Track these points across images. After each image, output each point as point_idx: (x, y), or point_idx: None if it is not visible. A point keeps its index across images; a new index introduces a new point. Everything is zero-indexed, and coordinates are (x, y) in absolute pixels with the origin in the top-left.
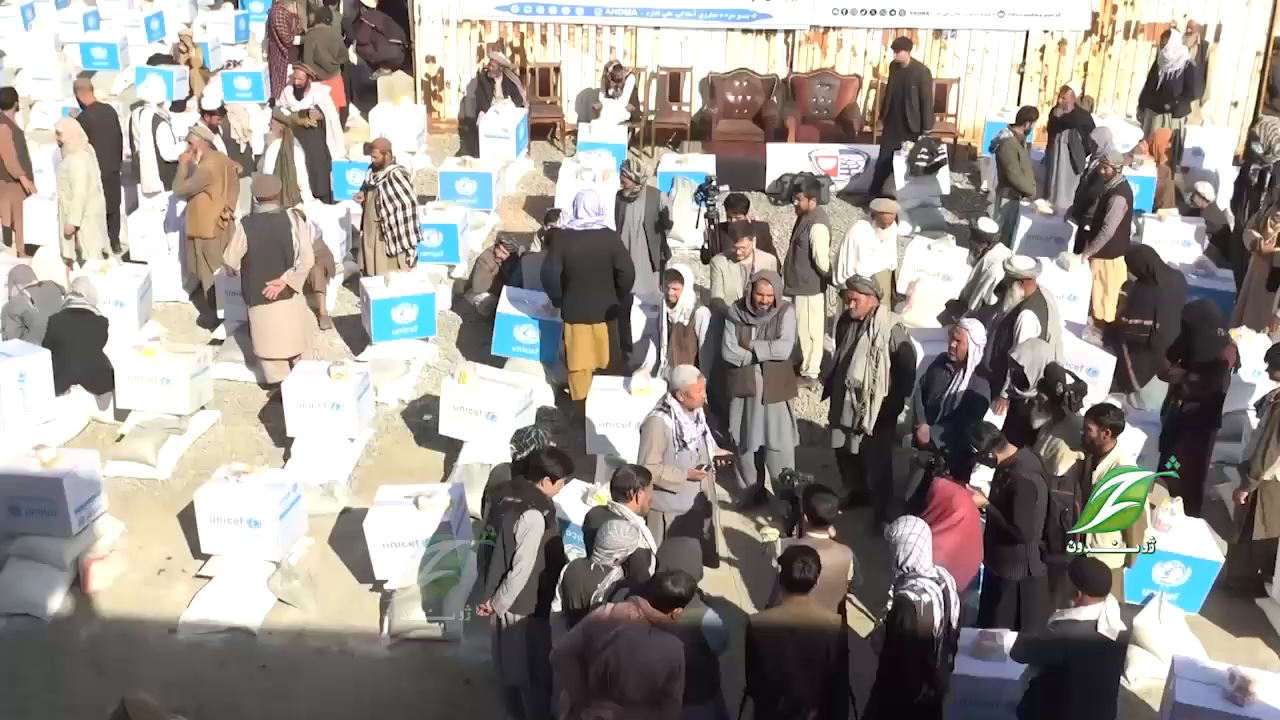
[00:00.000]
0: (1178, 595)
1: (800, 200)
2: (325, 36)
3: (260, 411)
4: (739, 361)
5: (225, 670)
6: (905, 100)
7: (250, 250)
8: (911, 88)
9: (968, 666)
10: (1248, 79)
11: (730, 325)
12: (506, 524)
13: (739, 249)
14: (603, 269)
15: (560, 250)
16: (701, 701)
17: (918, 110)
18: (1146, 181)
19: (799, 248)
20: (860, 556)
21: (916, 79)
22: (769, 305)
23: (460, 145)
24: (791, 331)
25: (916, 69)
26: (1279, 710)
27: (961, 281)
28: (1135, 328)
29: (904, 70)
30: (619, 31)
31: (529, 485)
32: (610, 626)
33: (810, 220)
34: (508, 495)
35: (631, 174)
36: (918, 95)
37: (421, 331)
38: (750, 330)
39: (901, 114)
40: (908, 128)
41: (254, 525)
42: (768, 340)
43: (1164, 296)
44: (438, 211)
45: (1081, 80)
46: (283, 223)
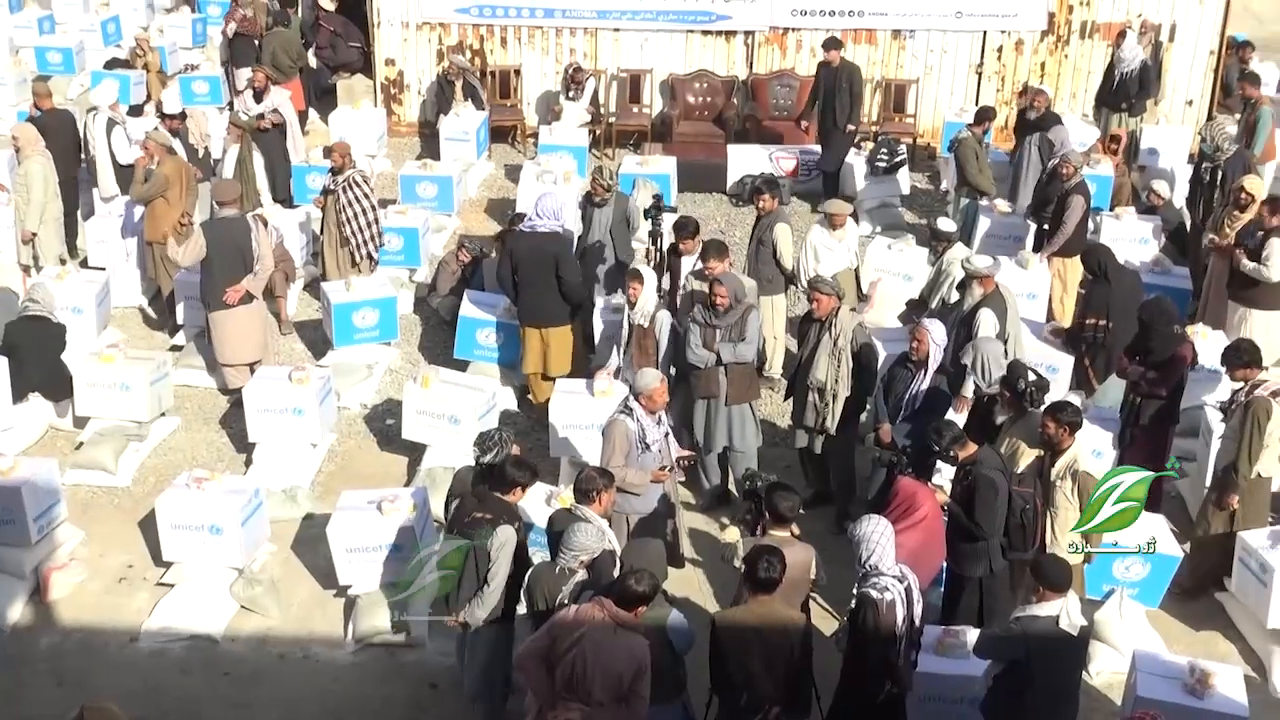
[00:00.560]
0: (1138, 590)
1: (762, 201)
2: (283, 40)
3: (221, 417)
4: (703, 363)
5: (188, 678)
6: (837, 98)
7: (210, 255)
8: (843, 85)
9: (930, 664)
10: (1202, 78)
11: (694, 327)
12: (480, 540)
13: (710, 270)
14: (547, 272)
15: (508, 251)
16: (667, 701)
17: (848, 106)
18: (1103, 180)
19: (762, 248)
20: (824, 555)
21: (848, 76)
22: (726, 307)
23: (421, 148)
24: (755, 334)
25: (847, 67)
26: (1238, 702)
27: (922, 281)
28: (1090, 327)
29: (834, 69)
30: (579, 34)
31: (495, 497)
32: (575, 627)
33: (772, 220)
34: (475, 510)
35: (604, 181)
36: (849, 93)
37: (383, 335)
38: (714, 332)
39: (833, 111)
40: (835, 121)
41: (216, 532)
42: (732, 342)
43: (1117, 296)
44: (398, 215)
45: (1039, 80)
46: (242, 228)
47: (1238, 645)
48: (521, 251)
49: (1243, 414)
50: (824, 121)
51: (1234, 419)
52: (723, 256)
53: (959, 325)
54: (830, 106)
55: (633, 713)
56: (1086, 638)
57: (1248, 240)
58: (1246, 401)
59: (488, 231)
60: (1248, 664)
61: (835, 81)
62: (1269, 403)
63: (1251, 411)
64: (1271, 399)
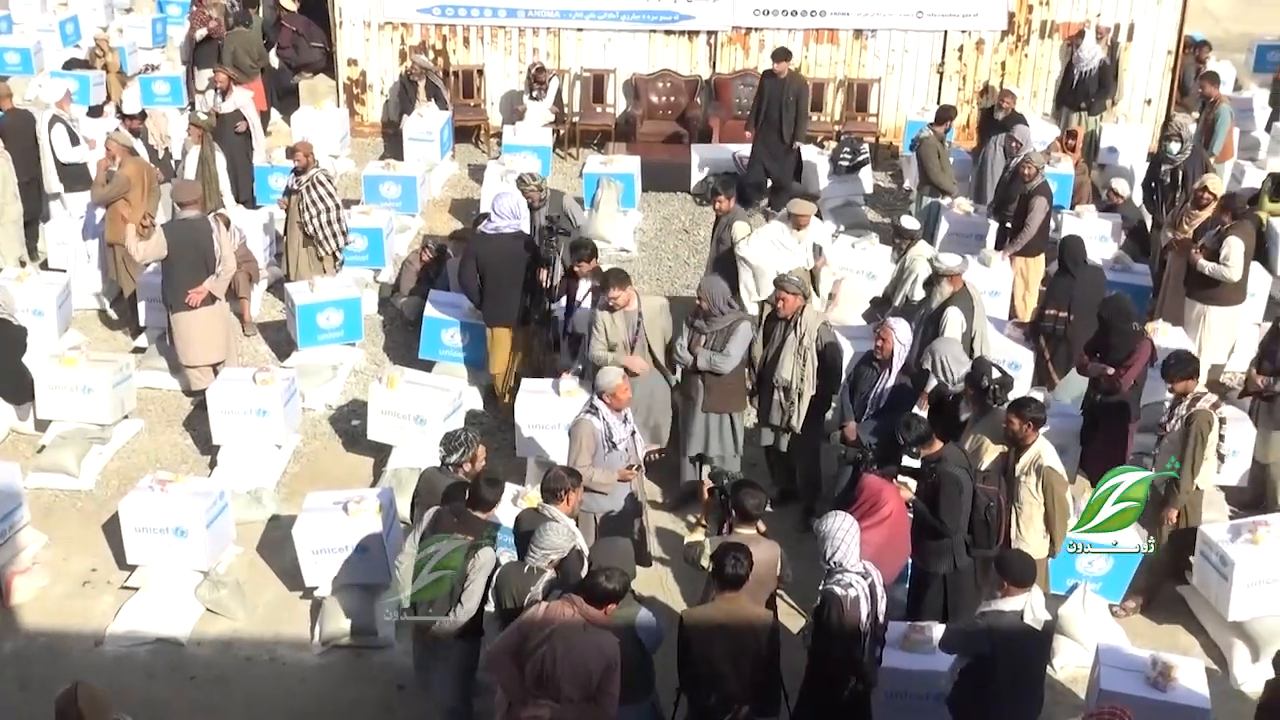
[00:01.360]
0: (1101, 585)
1: (720, 201)
2: (244, 40)
3: (185, 419)
4: (682, 365)
5: (154, 682)
6: (783, 112)
7: (171, 256)
8: (790, 99)
9: (896, 659)
10: (1160, 77)
11: (685, 329)
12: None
13: (613, 300)
14: (516, 272)
15: (473, 254)
16: (636, 700)
17: (793, 123)
18: (1064, 178)
19: (721, 246)
20: (790, 553)
21: (795, 91)
22: (709, 314)
23: (384, 149)
24: (738, 349)
25: (796, 80)
26: (1200, 694)
27: (885, 279)
28: (1051, 318)
29: (781, 81)
30: (542, 33)
31: (473, 516)
32: (545, 625)
33: (731, 219)
34: (454, 530)
35: (533, 185)
36: (795, 108)
37: (348, 336)
38: (700, 338)
39: (778, 124)
40: (781, 138)
41: (180, 535)
42: (711, 350)
43: (1080, 289)
44: (362, 215)
45: (1000, 79)
46: (204, 228)
47: (1199, 638)
48: (488, 254)
49: (1185, 429)
50: (766, 136)
51: (1175, 433)
52: (624, 285)
53: (926, 323)
54: (775, 120)
55: (602, 710)
56: (1051, 632)
57: (1205, 239)
58: (1189, 416)
59: (451, 230)
60: (1209, 657)
61: (782, 95)
62: (1210, 415)
63: (1195, 426)
64: (1212, 411)
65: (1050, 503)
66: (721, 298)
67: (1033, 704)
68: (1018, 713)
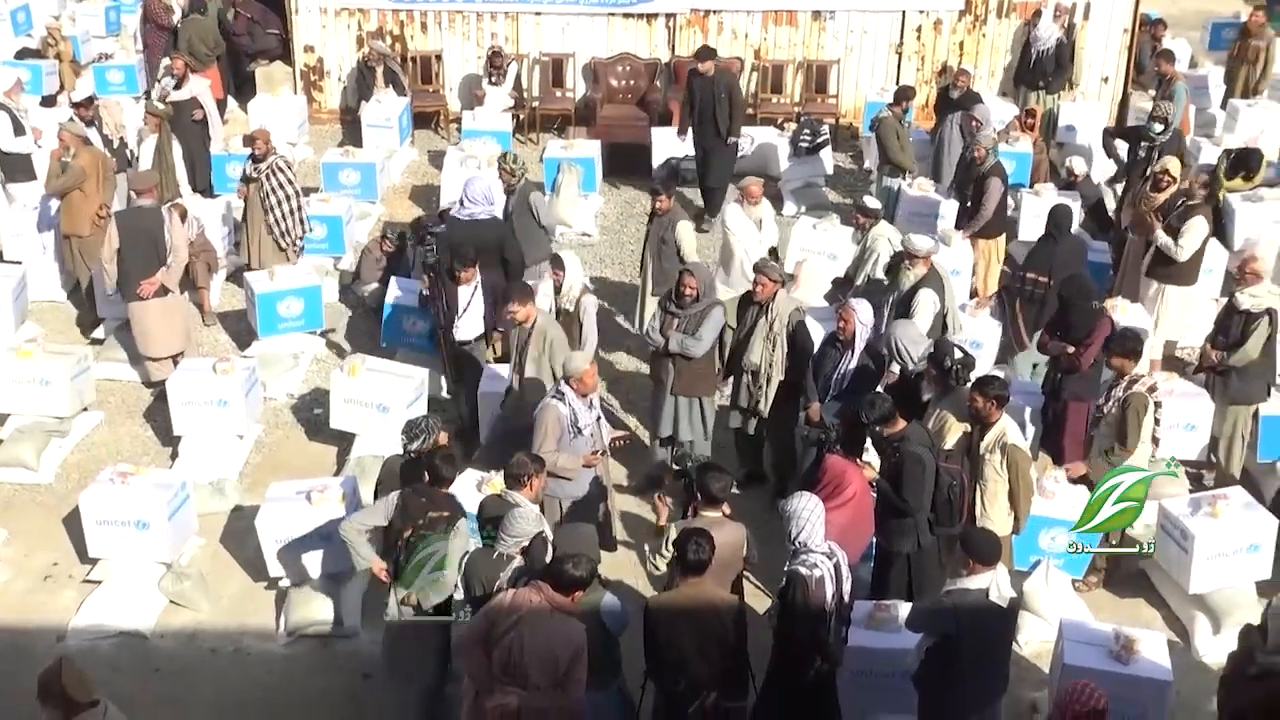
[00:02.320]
0: (1063, 560)
1: (659, 201)
2: (199, 27)
3: (145, 411)
4: (654, 346)
5: (118, 676)
6: (716, 108)
7: (122, 245)
8: (721, 95)
9: (861, 638)
10: (1116, 55)
11: (657, 312)
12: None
13: (512, 314)
14: (491, 259)
15: (447, 240)
16: (602, 685)
17: (728, 118)
18: (1022, 157)
19: (665, 247)
20: (758, 534)
21: (725, 86)
22: (693, 299)
23: (343, 135)
24: (709, 334)
25: (724, 76)
26: (1163, 666)
27: (847, 260)
28: (1031, 281)
29: (709, 79)
30: (500, 18)
31: (441, 494)
32: (512, 612)
33: (672, 219)
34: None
35: (508, 166)
36: (729, 103)
37: (308, 325)
38: (673, 321)
39: (713, 121)
40: (718, 133)
41: (142, 527)
42: (683, 334)
43: (1060, 255)
44: (321, 203)
45: (958, 59)
46: (155, 217)
47: (1161, 611)
48: (461, 239)
49: (1121, 410)
50: (703, 135)
51: (1111, 415)
52: (525, 300)
53: (897, 306)
54: (709, 118)
55: (569, 697)
56: (1016, 610)
57: (1171, 217)
58: (1125, 398)
59: (413, 218)
60: (1171, 629)
61: (712, 92)
62: (1145, 398)
63: (1132, 408)
64: (1148, 394)
65: (1014, 480)
66: (709, 285)
67: (998, 681)
68: (983, 690)
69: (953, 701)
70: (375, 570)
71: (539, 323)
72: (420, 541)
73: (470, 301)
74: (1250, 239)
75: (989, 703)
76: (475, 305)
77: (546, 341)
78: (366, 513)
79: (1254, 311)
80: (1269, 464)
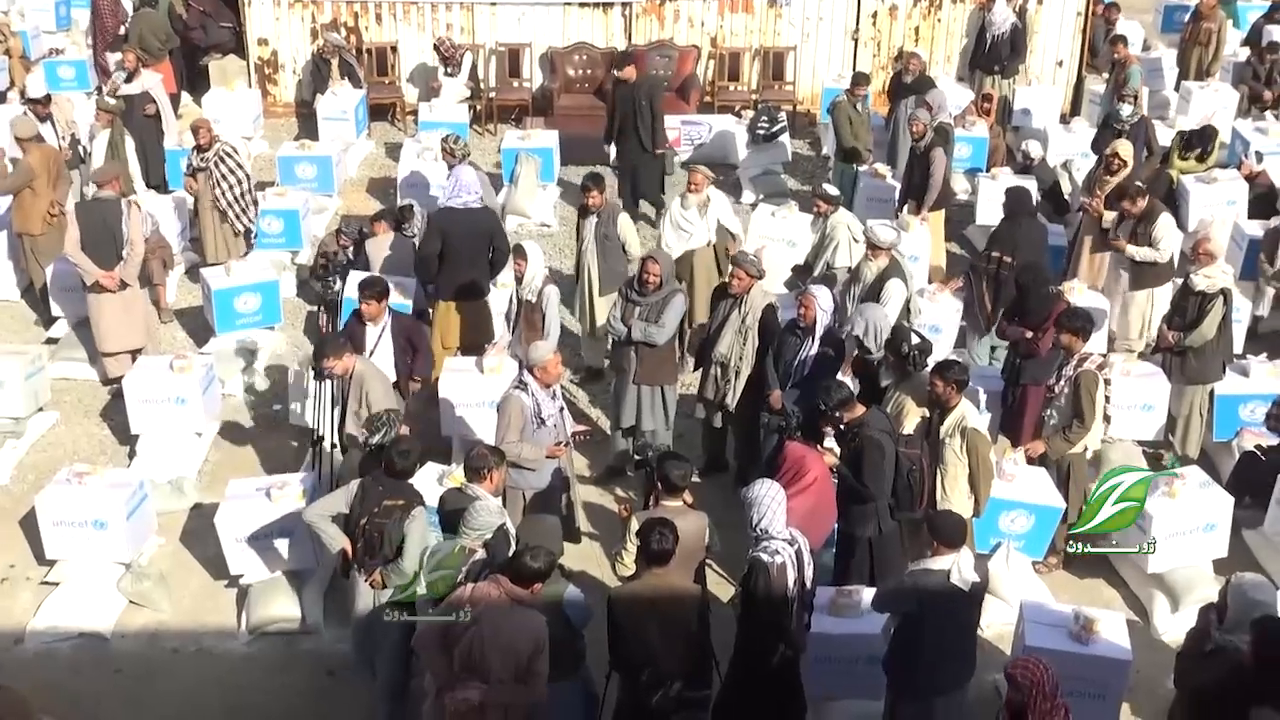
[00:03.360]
0: (1023, 542)
1: (591, 197)
2: (150, 21)
3: (101, 410)
4: (616, 336)
5: (79, 678)
6: (637, 118)
7: (83, 236)
8: (643, 103)
9: (824, 624)
10: (1070, 39)
11: (618, 299)
12: (394, 524)
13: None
14: (481, 248)
15: (440, 228)
16: (565, 676)
17: (651, 127)
18: (978, 141)
19: (608, 243)
20: (719, 522)
21: (647, 93)
22: (655, 285)
23: (298, 129)
24: (671, 321)
25: (646, 82)
26: (1122, 646)
27: (806, 247)
28: (997, 261)
29: (632, 86)
30: (455, 8)
31: (402, 484)
32: (472, 607)
33: (611, 213)
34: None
35: (448, 146)
36: (650, 111)
37: (266, 320)
38: (634, 309)
39: (635, 132)
40: (642, 145)
41: (100, 527)
42: (645, 322)
43: (1024, 235)
44: (277, 197)
45: (914, 44)
46: (114, 209)
47: (1120, 591)
48: (456, 228)
49: (1074, 389)
50: (626, 148)
51: (1063, 395)
52: (340, 353)
53: (865, 296)
54: (631, 129)
55: (531, 689)
56: (981, 593)
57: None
58: (1075, 377)
59: (370, 211)
60: (1130, 609)
61: (634, 101)
62: (1096, 375)
63: (1084, 386)
64: (1098, 372)
65: (974, 464)
66: (669, 272)
67: (963, 664)
68: (949, 671)
69: (920, 684)
70: (346, 550)
71: (356, 371)
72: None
73: (378, 342)
74: (1204, 220)
75: (956, 685)
76: (384, 347)
77: (364, 393)
78: (328, 499)
79: (1209, 292)
80: (1224, 443)
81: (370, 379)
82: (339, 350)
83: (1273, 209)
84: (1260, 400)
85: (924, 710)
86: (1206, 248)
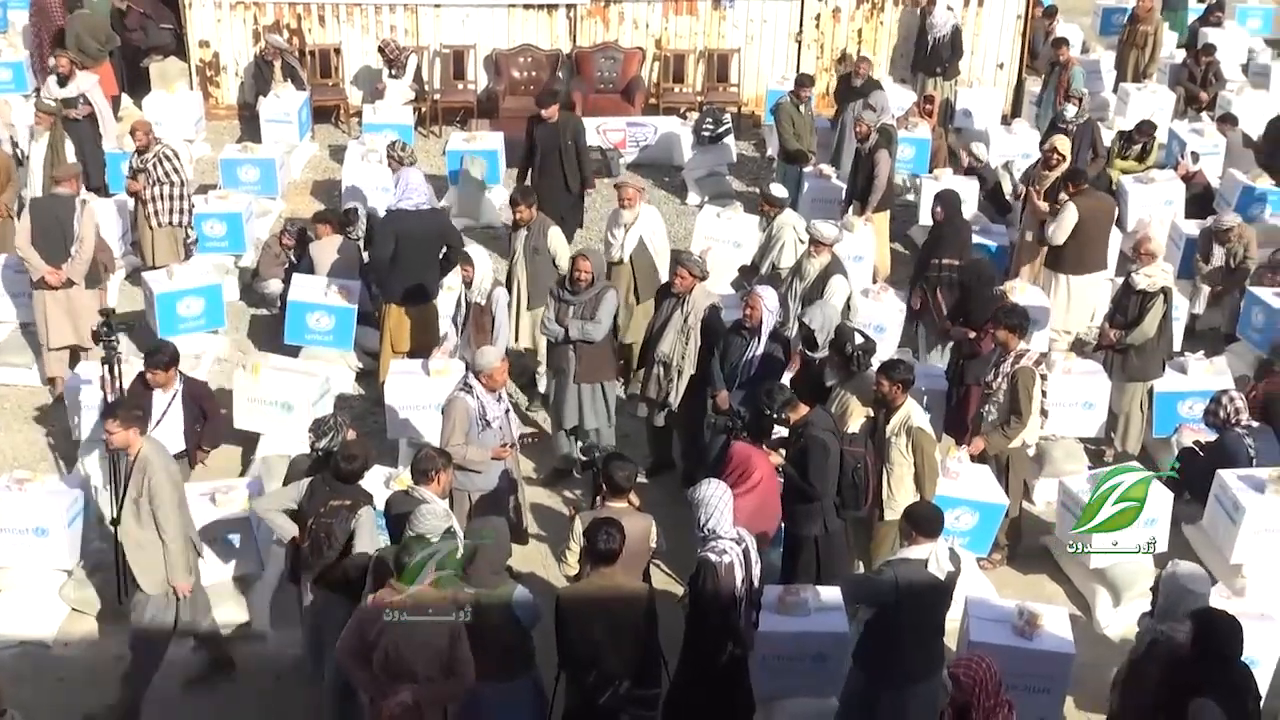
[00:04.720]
0: (968, 539)
1: (520, 212)
2: (88, 22)
3: (42, 416)
4: (554, 338)
5: (21, 686)
6: (563, 160)
7: (35, 232)
8: (568, 143)
9: (772, 623)
10: (1011, 41)
11: (550, 301)
12: (340, 523)
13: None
14: (434, 250)
15: (393, 230)
16: (515, 677)
17: (576, 168)
18: (921, 143)
19: (538, 256)
20: (665, 522)
21: (572, 133)
22: (587, 283)
23: (241, 131)
24: (607, 316)
25: (570, 122)
26: (1065, 640)
27: (752, 248)
28: (947, 268)
29: (553, 126)
30: (399, 10)
31: (349, 486)
32: (378, 616)
33: (541, 226)
34: (331, 499)
35: (395, 154)
36: (575, 150)
37: (209, 324)
38: (568, 308)
39: (560, 175)
40: (566, 186)
41: (41, 534)
42: (581, 320)
43: (964, 237)
44: (220, 200)
45: (857, 47)
46: (67, 205)
47: (1064, 586)
48: (409, 230)
49: (1011, 385)
50: (547, 188)
51: (1001, 391)
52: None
53: (805, 294)
54: (554, 169)
55: (462, 679)
56: (953, 584)
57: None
58: (1012, 373)
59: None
60: (1073, 604)
61: (559, 139)
62: (1033, 371)
63: (1020, 382)
64: (1034, 368)
65: (920, 462)
66: (600, 269)
67: (934, 654)
68: (921, 661)
69: (899, 673)
70: (296, 539)
71: (143, 453)
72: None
73: (167, 410)
74: (1143, 219)
75: (933, 672)
76: (174, 414)
77: (146, 480)
78: (279, 493)
79: (1149, 291)
80: (1164, 439)
81: (155, 470)
82: (129, 421)
83: (1208, 209)
84: (1198, 397)
85: (903, 698)
86: (1147, 247)
